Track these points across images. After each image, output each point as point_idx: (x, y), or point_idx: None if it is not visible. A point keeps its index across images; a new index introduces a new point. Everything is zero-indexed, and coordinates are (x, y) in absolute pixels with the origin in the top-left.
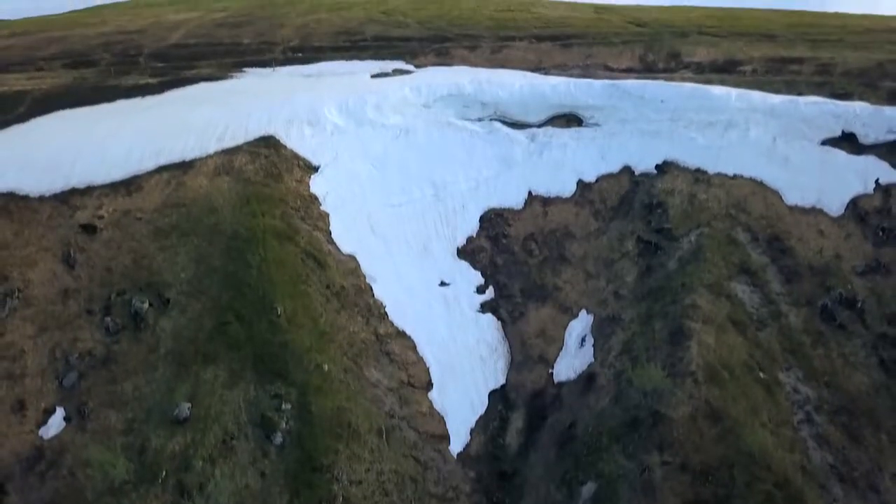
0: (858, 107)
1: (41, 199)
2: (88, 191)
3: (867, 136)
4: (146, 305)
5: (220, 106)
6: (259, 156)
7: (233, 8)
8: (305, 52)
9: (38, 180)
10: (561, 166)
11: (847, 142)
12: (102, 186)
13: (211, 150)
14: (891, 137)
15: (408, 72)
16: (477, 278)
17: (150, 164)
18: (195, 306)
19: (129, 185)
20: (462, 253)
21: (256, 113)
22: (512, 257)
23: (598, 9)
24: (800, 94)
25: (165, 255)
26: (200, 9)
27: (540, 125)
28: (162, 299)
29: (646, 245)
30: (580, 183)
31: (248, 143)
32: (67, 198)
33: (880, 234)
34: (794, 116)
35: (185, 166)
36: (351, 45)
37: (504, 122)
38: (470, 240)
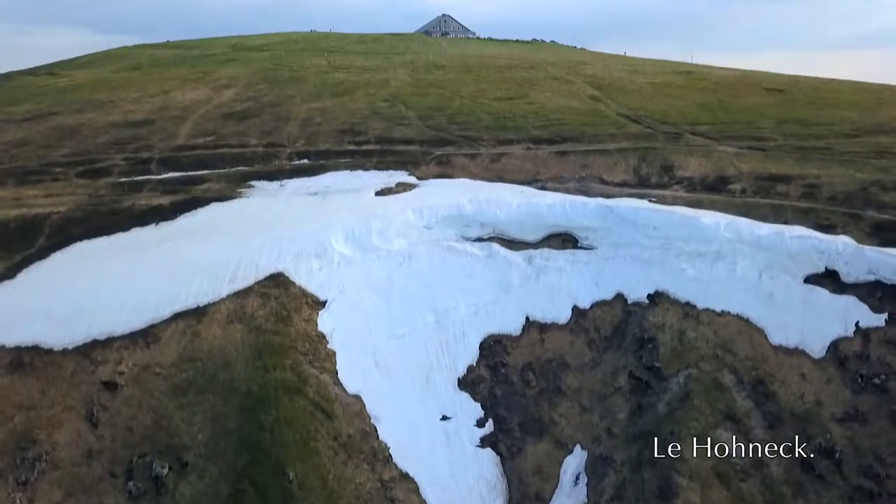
0: (841, 244)
1: (64, 352)
2: (109, 343)
3: (849, 274)
4: (166, 470)
5: (231, 239)
6: (269, 298)
7: (239, 80)
8: (311, 157)
9: (60, 332)
10: (557, 292)
11: (830, 279)
12: (122, 338)
13: (224, 293)
14: (871, 278)
15: (411, 185)
16: (477, 411)
17: (166, 312)
18: (212, 471)
19: (147, 337)
20: (462, 383)
21: (266, 248)
22: (510, 388)
23: (595, 92)
24: (786, 221)
25: (183, 415)
26: (206, 81)
27: (537, 244)
28: (181, 462)
29: (637, 382)
30: (575, 309)
31: (259, 283)
32: (89, 351)
33: (859, 380)
34: (779, 250)
35: (199, 313)
36: (355, 149)
37: (503, 240)
38: (470, 369)
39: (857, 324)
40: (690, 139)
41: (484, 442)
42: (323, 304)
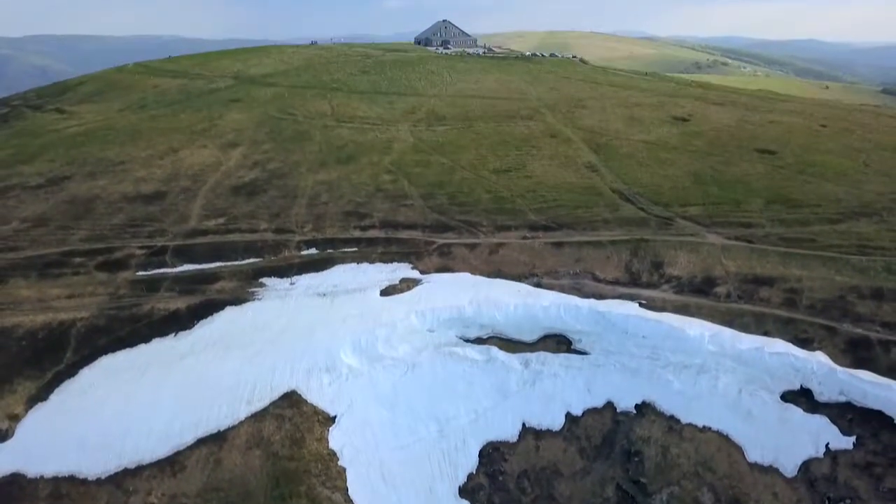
0: (816, 364)
1: (98, 482)
2: (139, 471)
3: (822, 394)
4: None
5: (246, 356)
6: (284, 420)
7: (244, 134)
8: (319, 246)
9: (94, 460)
10: (552, 398)
11: (804, 397)
12: (150, 466)
13: (242, 416)
14: (842, 399)
15: (414, 281)
16: None
17: (189, 437)
18: None
19: (174, 465)
20: (463, 492)
21: (279, 366)
22: (507, 495)
23: (591, 159)
24: (766, 332)
25: None
26: (213, 135)
27: (533, 343)
28: None
29: (624, 494)
30: (568, 416)
31: (274, 403)
32: (121, 481)
33: (826, 502)
34: (759, 366)
35: (220, 438)
36: (361, 236)
37: (501, 339)
38: (470, 476)
39: (827, 445)
40: (681, 225)
41: None
42: (333, 419)
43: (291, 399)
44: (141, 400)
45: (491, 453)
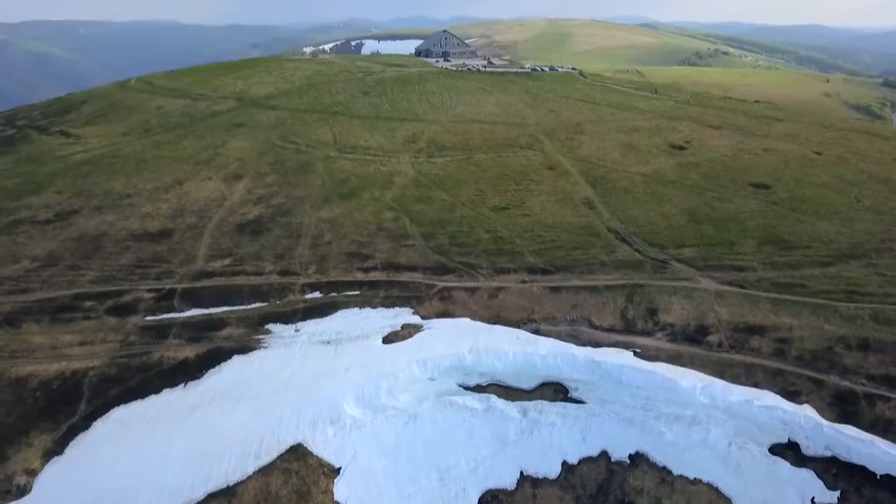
0: (803, 418)
1: None
2: None
3: (808, 447)
4: None
5: (254, 408)
6: (291, 473)
7: (248, 164)
8: (322, 289)
9: None
10: (549, 446)
11: (791, 450)
12: None
13: (250, 471)
14: (827, 454)
15: (416, 327)
16: None
17: (200, 492)
18: None
19: None
20: None
21: (286, 418)
22: None
23: (588, 194)
24: (756, 383)
25: None
26: (217, 166)
27: (531, 391)
28: None
29: None
30: (565, 464)
31: (281, 457)
32: None
33: None
34: (748, 419)
35: (229, 494)
36: (363, 279)
37: (500, 387)
38: None
39: (812, 499)
40: (676, 269)
41: None
42: (337, 471)
43: (298, 452)
44: (153, 454)
45: (490, 501)
